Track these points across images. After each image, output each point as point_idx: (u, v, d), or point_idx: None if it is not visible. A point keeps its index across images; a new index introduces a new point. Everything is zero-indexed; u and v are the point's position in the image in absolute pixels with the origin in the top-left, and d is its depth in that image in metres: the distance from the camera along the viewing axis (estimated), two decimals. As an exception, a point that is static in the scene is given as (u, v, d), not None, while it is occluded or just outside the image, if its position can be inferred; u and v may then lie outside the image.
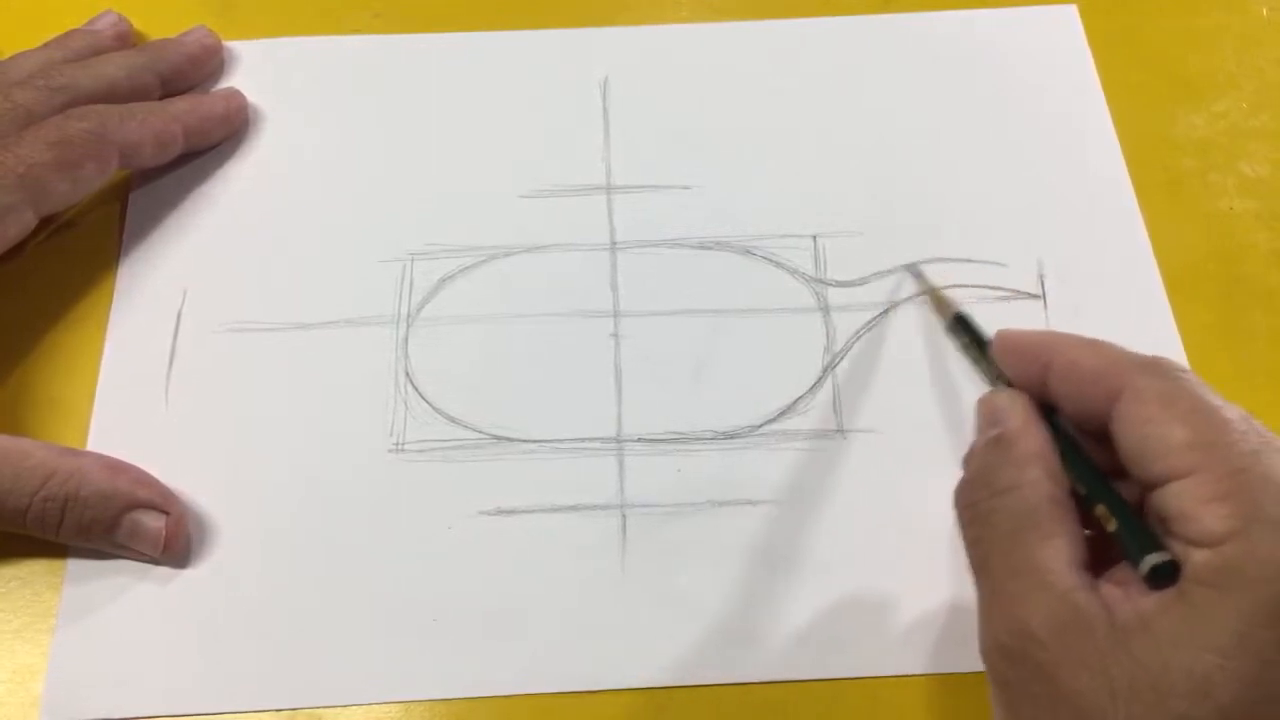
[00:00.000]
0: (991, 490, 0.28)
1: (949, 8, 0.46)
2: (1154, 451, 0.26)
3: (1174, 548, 0.25)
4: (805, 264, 0.40)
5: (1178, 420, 0.26)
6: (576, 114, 0.44)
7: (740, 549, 0.35)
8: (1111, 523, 0.27)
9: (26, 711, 0.33)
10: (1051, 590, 0.26)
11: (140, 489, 0.34)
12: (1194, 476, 0.25)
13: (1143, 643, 0.24)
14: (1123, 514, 0.27)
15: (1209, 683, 0.23)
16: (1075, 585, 0.26)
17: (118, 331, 0.39)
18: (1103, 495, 0.27)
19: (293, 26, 0.46)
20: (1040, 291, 0.39)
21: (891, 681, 0.33)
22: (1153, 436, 0.26)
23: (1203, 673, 0.23)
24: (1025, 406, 0.29)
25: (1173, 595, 0.25)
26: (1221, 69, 0.45)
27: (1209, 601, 0.24)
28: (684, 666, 0.33)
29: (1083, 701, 0.24)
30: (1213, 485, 0.25)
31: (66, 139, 0.37)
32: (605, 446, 0.37)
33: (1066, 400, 0.28)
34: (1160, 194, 0.42)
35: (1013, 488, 0.27)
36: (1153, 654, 0.24)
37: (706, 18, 0.46)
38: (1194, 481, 0.25)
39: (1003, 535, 0.27)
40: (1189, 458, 0.25)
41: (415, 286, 0.40)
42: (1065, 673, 0.25)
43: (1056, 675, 0.25)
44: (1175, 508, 0.25)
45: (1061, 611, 0.25)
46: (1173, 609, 0.24)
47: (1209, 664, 0.23)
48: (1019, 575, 0.26)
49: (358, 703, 0.33)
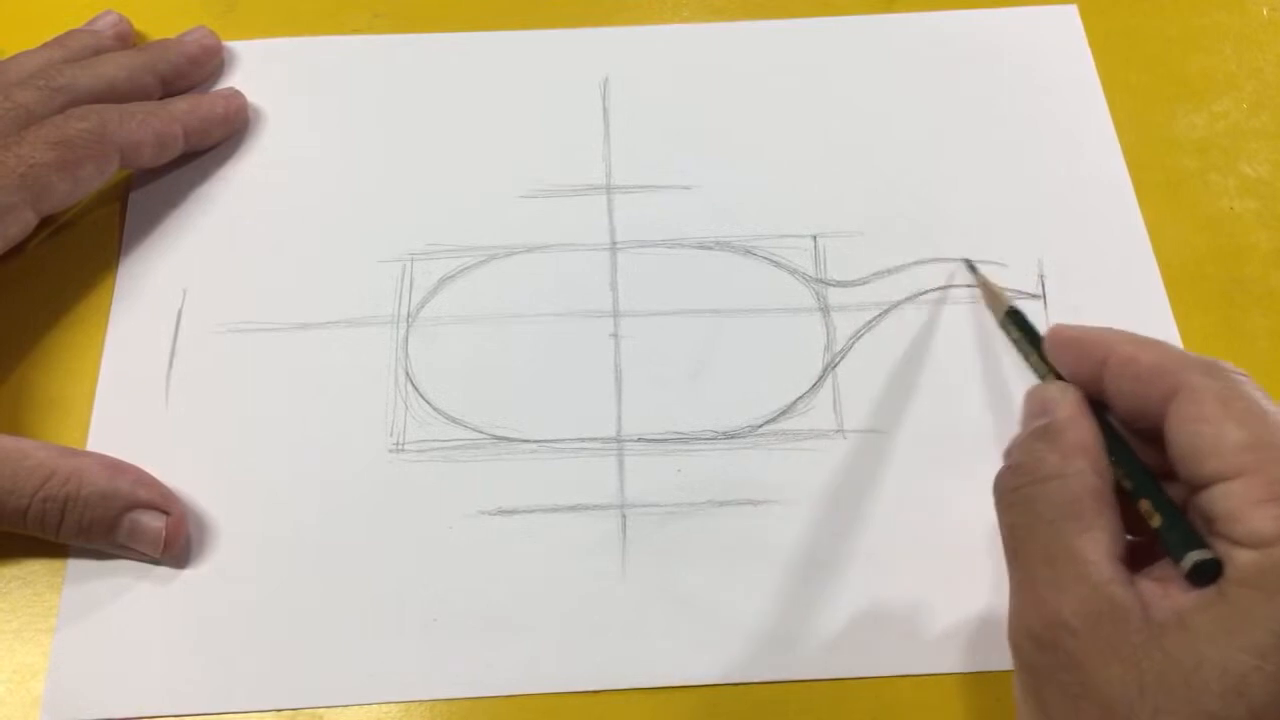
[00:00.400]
0: (1034, 477, 0.28)
1: (949, 8, 0.46)
2: (1207, 450, 0.26)
3: (1217, 547, 0.25)
4: (805, 264, 0.40)
5: (1233, 421, 0.26)
6: (576, 114, 0.44)
7: (740, 549, 0.35)
8: (1155, 518, 0.27)
9: (26, 711, 0.33)
10: (1087, 580, 0.26)
11: (140, 489, 0.34)
12: (1245, 478, 0.25)
13: (1178, 638, 0.24)
14: (1168, 510, 0.27)
15: (1244, 682, 0.23)
16: (1112, 577, 0.26)
17: (118, 331, 0.39)
18: (1148, 491, 0.27)
19: (293, 27, 0.46)
20: (1040, 291, 0.39)
21: (892, 681, 0.33)
22: (1207, 435, 0.26)
23: (1238, 672, 0.23)
24: (1076, 399, 0.29)
25: (1212, 594, 0.25)
26: (1221, 69, 0.45)
27: (1250, 602, 0.24)
28: (684, 666, 0.33)
29: (1111, 693, 0.24)
30: (1264, 487, 0.25)
31: (67, 139, 0.37)
32: (605, 446, 0.37)
33: (1120, 396, 0.28)
34: (1160, 194, 0.42)
35: (1057, 476, 0.27)
36: (1187, 650, 0.24)
37: (706, 18, 0.46)
38: (1245, 483, 0.25)
39: (1042, 523, 0.27)
40: (1242, 459, 0.25)
41: (415, 286, 0.40)
42: (1095, 663, 0.25)
43: (1086, 665, 0.25)
44: (1224, 508, 0.25)
45: (1096, 602, 0.25)
46: (1212, 607, 0.24)
47: (1245, 664, 0.23)
48: (1055, 563, 0.26)
49: (358, 703, 0.33)
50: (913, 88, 0.44)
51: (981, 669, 0.33)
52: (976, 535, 0.34)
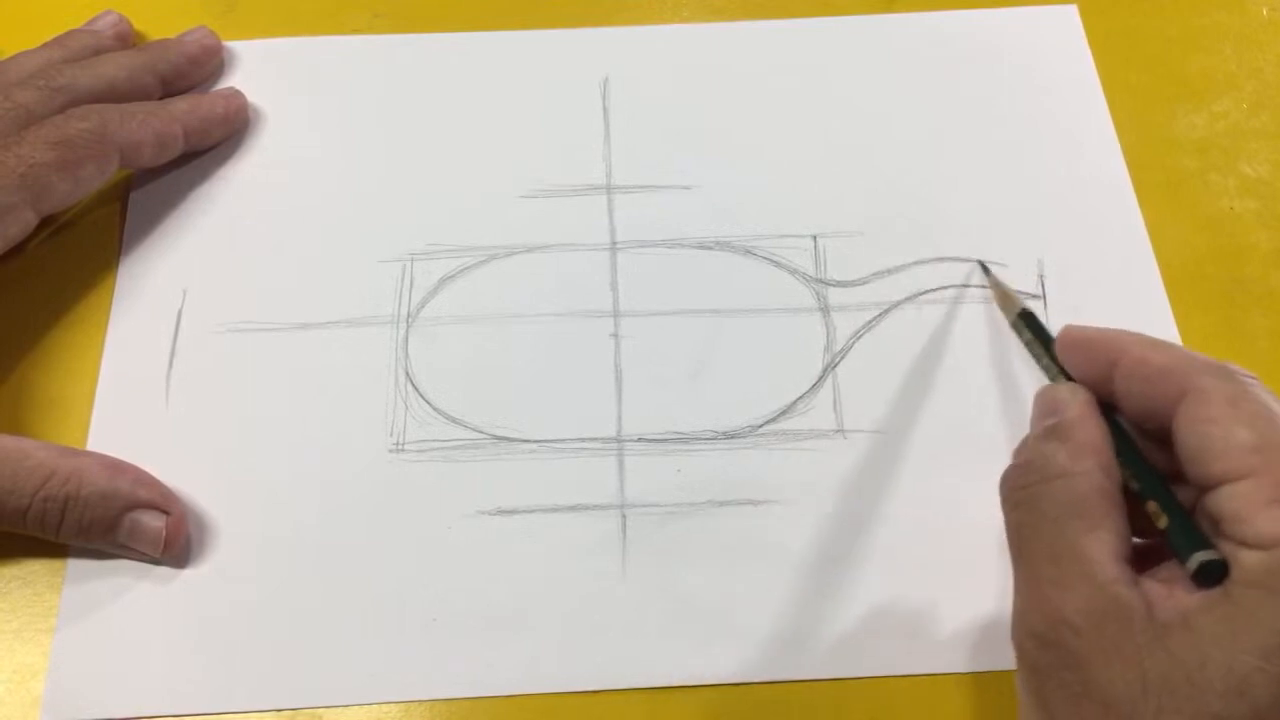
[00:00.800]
0: (1042, 476, 0.28)
1: (949, 8, 0.46)
2: (1215, 451, 0.26)
3: (1223, 548, 0.25)
4: (805, 264, 0.40)
5: (1242, 423, 0.26)
6: (576, 114, 0.44)
7: (740, 549, 0.35)
8: (1162, 519, 0.27)
9: (26, 711, 0.33)
10: (1092, 580, 0.26)
11: (140, 489, 0.34)
12: (1253, 479, 0.25)
13: (1182, 639, 0.24)
14: (1175, 511, 0.27)
15: (1247, 683, 0.23)
16: (1116, 577, 0.26)
17: (118, 331, 0.39)
18: (1156, 492, 0.27)
19: (293, 27, 0.46)
20: (1040, 291, 0.39)
21: (892, 681, 0.33)
22: (1215, 436, 0.26)
23: (1242, 673, 0.23)
24: (1086, 399, 0.29)
25: (1218, 595, 0.25)
26: (1221, 69, 0.45)
27: (1256, 603, 0.24)
28: (684, 666, 0.33)
29: (1113, 692, 0.24)
30: (1272, 489, 0.25)
31: (67, 139, 0.37)
32: (605, 446, 0.37)
33: (1130, 397, 0.28)
34: (1160, 194, 0.42)
35: (1065, 475, 0.27)
36: (1191, 650, 0.24)
37: (706, 18, 0.46)
38: (1252, 484, 0.25)
39: (1048, 521, 0.27)
40: (1250, 460, 0.25)
41: (415, 286, 0.40)
42: (1098, 662, 0.25)
43: (1089, 664, 0.25)
44: (1231, 509, 0.25)
45: (1100, 601, 0.25)
46: (1217, 608, 0.24)
47: (1248, 665, 0.23)
48: (1060, 562, 0.26)
49: (358, 703, 0.33)
50: (913, 88, 0.44)
51: (982, 669, 0.33)
52: (977, 535, 0.34)
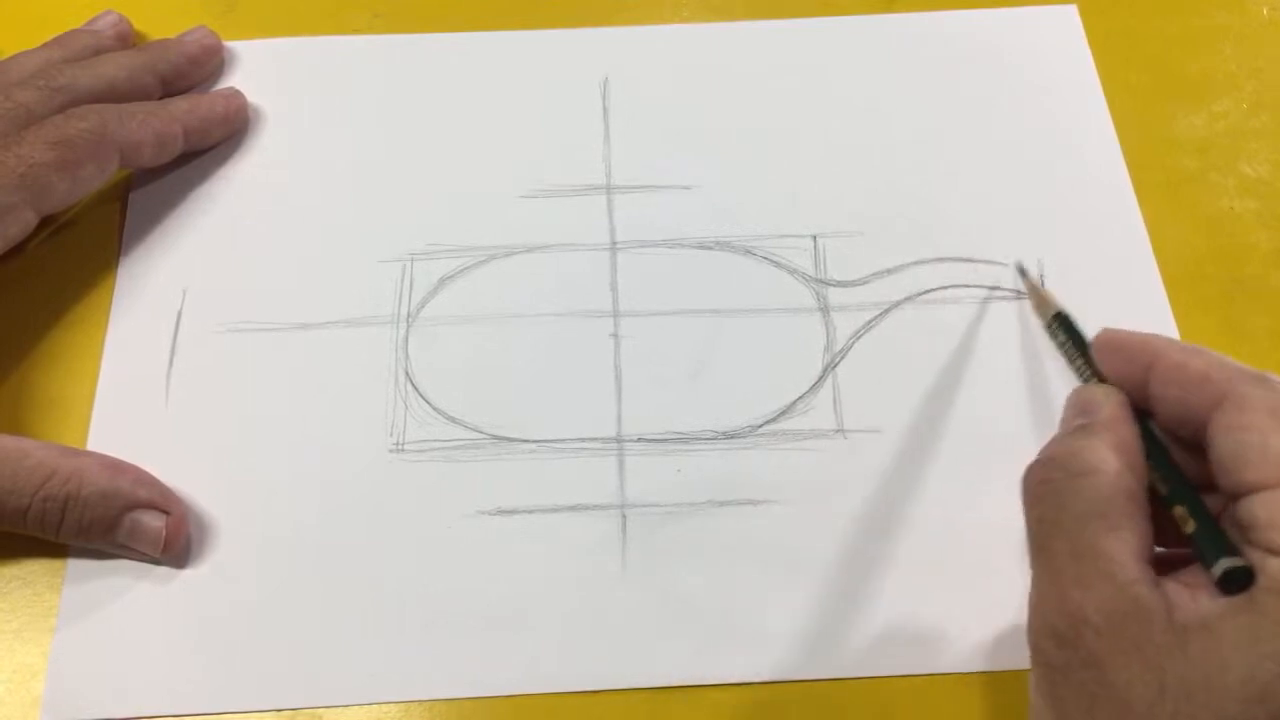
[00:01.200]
0: (1069, 472, 0.27)
1: (949, 8, 0.46)
2: (1250, 458, 0.26)
3: (1250, 556, 0.25)
4: (805, 264, 0.40)
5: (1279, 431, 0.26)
6: (576, 114, 0.44)
7: (740, 549, 0.35)
8: (1190, 524, 0.27)
9: (26, 711, 0.33)
10: (1113, 579, 0.25)
11: (140, 489, 0.34)
12: None
13: (1202, 643, 0.24)
14: (1202, 517, 0.27)
15: (1266, 691, 0.23)
16: (1137, 578, 0.25)
17: (118, 331, 0.39)
18: (1184, 496, 0.27)
19: (293, 27, 0.46)
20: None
21: (892, 682, 0.33)
22: (1252, 444, 0.26)
23: (1263, 680, 0.23)
24: (1120, 400, 0.29)
25: (1242, 601, 0.24)
26: (1221, 69, 0.45)
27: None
28: (684, 666, 0.33)
29: (1130, 693, 0.24)
30: None
31: (67, 139, 0.37)
32: (605, 446, 0.37)
33: (1165, 401, 0.28)
34: (1160, 194, 0.42)
35: (1091, 473, 0.27)
36: (1211, 655, 0.24)
37: (706, 18, 0.46)
38: None
39: (1071, 517, 0.27)
40: None
41: (415, 286, 0.40)
42: (1116, 662, 0.25)
43: (1106, 664, 0.25)
44: (1264, 516, 0.25)
45: (1120, 601, 0.25)
46: (1240, 614, 0.24)
47: (1269, 672, 0.23)
48: (1081, 560, 0.26)
49: (358, 703, 0.33)
50: (913, 88, 0.44)
51: (982, 669, 0.33)
52: (978, 535, 0.34)
